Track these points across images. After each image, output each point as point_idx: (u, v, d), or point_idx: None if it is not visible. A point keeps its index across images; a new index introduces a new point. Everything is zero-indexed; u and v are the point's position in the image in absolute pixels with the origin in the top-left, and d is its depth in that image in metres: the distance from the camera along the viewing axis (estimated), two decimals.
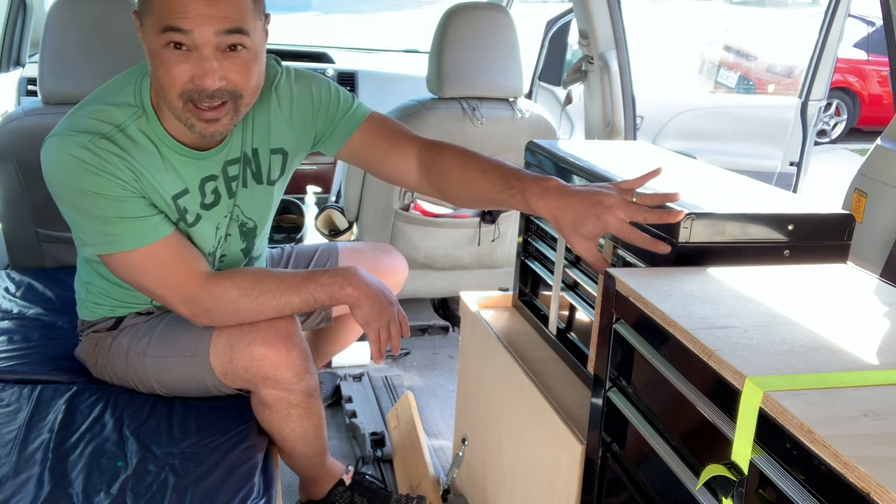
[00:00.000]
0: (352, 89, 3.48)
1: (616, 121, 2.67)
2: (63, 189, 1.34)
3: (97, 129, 1.35)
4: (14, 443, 1.41)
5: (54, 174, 1.34)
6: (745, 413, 0.78)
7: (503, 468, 1.57)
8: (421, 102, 2.37)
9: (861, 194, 1.88)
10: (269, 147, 1.55)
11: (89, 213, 1.34)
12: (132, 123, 1.38)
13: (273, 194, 1.62)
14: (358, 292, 1.45)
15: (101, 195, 1.33)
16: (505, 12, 2.38)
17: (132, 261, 1.37)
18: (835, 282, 1.09)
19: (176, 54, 1.27)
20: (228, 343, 1.43)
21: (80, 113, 1.39)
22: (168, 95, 1.31)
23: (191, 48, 1.27)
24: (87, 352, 1.63)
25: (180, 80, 1.29)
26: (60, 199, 1.36)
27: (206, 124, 1.34)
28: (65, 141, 1.33)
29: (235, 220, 1.57)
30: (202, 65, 1.27)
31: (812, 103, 3.49)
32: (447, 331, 2.97)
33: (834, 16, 3.29)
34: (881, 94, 8.08)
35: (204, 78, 1.28)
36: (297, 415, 1.50)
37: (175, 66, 1.28)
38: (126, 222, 1.35)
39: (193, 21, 1.25)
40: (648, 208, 1.14)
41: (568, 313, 1.50)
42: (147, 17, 1.29)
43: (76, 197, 1.34)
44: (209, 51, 1.28)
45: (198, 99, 1.30)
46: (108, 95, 1.41)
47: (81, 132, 1.34)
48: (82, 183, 1.32)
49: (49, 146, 1.35)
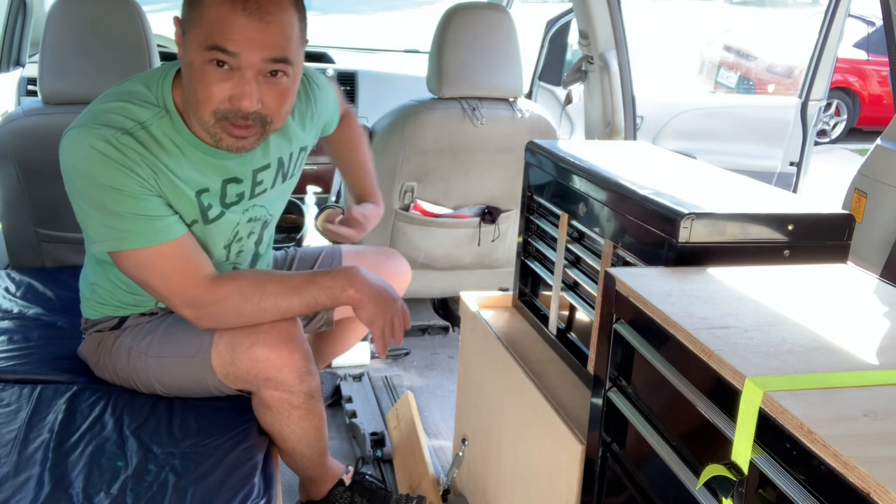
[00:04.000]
0: (352, 89, 3.49)
1: (616, 121, 2.67)
2: (81, 180, 1.34)
3: (120, 124, 1.35)
4: (14, 443, 1.41)
5: (74, 165, 1.34)
6: (745, 413, 0.78)
7: (503, 468, 1.57)
8: (421, 102, 2.37)
9: (861, 194, 1.88)
10: (299, 146, 1.62)
11: (104, 207, 1.34)
12: (155, 123, 1.39)
13: (290, 187, 1.68)
14: (360, 294, 1.45)
15: (118, 190, 1.33)
16: (505, 12, 2.38)
17: (139, 259, 1.38)
18: (835, 282, 1.09)
19: (218, 72, 1.29)
20: (230, 344, 1.43)
21: (101, 108, 1.39)
22: (201, 109, 1.33)
23: (233, 68, 1.29)
24: (90, 350, 1.63)
25: (217, 98, 1.31)
26: (76, 191, 1.36)
27: (234, 140, 1.36)
28: (88, 133, 1.34)
29: (259, 219, 1.60)
30: (242, 87, 1.29)
31: (812, 103, 3.49)
32: (447, 331, 2.97)
33: (834, 16, 3.29)
34: (881, 94, 8.08)
35: (242, 99, 1.30)
36: (299, 416, 1.50)
37: (215, 84, 1.29)
38: (139, 220, 1.35)
39: (241, 44, 1.26)
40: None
41: (568, 313, 1.50)
42: (192, 28, 1.29)
43: (93, 189, 1.34)
44: (251, 74, 1.29)
45: (232, 118, 1.32)
46: (130, 94, 1.41)
47: (105, 126, 1.34)
48: (101, 176, 1.32)
49: (71, 137, 1.35)
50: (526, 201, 1.67)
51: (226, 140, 1.36)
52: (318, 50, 3.87)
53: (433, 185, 2.48)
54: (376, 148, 2.41)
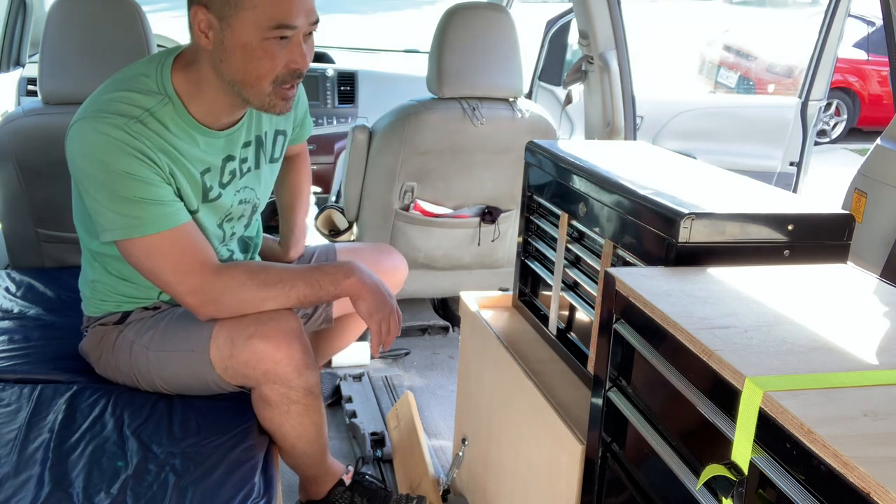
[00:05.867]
0: (352, 89, 3.49)
1: (616, 121, 2.67)
2: (94, 169, 1.37)
3: (129, 112, 1.39)
4: (14, 442, 1.41)
5: (88, 154, 1.37)
6: (745, 413, 0.78)
7: (503, 468, 1.57)
8: (421, 102, 2.37)
9: (861, 194, 1.88)
10: (275, 128, 1.67)
11: (117, 194, 1.37)
12: (159, 109, 1.43)
13: (274, 172, 1.72)
14: (361, 283, 1.49)
15: (132, 175, 1.37)
16: (505, 12, 2.38)
17: (149, 245, 1.40)
18: (835, 282, 1.09)
19: (280, 44, 1.39)
20: (229, 337, 1.44)
21: (104, 98, 1.42)
22: (261, 83, 1.41)
23: (288, 38, 1.39)
24: (93, 345, 1.63)
25: (279, 67, 1.40)
26: (90, 180, 1.39)
27: (285, 103, 1.46)
28: (99, 122, 1.37)
29: (247, 201, 1.64)
30: (297, 50, 1.40)
31: (812, 103, 3.49)
32: (447, 331, 2.97)
33: (834, 16, 3.29)
34: (881, 94, 8.08)
35: (300, 61, 1.41)
36: (298, 412, 1.51)
37: (277, 55, 1.39)
38: (151, 206, 1.39)
39: (300, 17, 1.39)
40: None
41: (568, 313, 1.50)
42: (239, 11, 1.35)
43: (107, 177, 1.37)
44: (301, 37, 1.41)
45: (287, 81, 1.42)
46: (130, 84, 1.45)
47: (115, 114, 1.38)
48: (117, 163, 1.36)
49: (80, 128, 1.38)
50: (526, 201, 1.67)
51: (278, 105, 1.45)
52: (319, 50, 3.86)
53: (433, 185, 2.48)
54: (376, 148, 2.41)
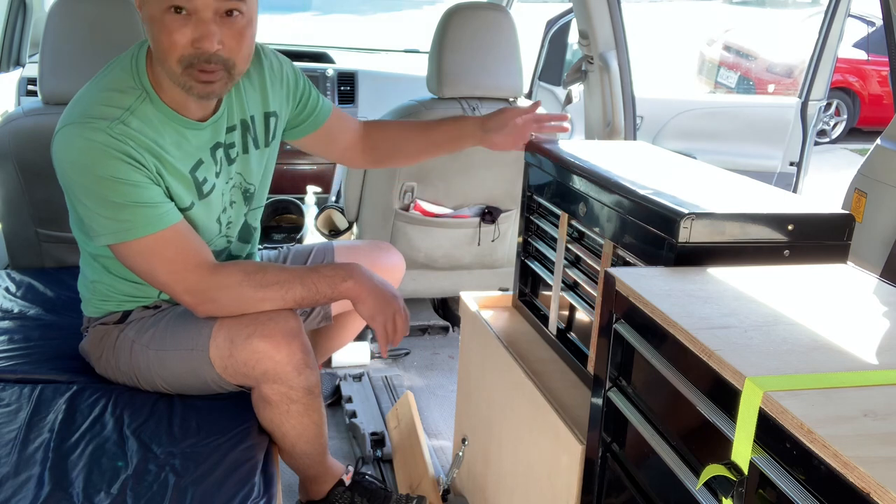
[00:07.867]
0: (352, 89, 3.48)
1: (616, 121, 2.67)
2: (82, 175, 1.36)
3: (111, 115, 1.38)
4: (14, 442, 1.41)
5: (75, 160, 1.36)
6: (745, 413, 0.78)
7: (503, 468, 1.57)
8: (421, 102, 2.37)
9: (861, 194, 1.88)
10: (264, 111, 1.63)
11: (106, 200, 1.36)
12: (139, 105, 1.41)
13: (268, 157, 1.68)
14: (360, 286, 1.47)
15: (120, 180, 1.35)
16: (505, 12, 2.38)
17: (142, 248, 1.39)
18: (835, 282, 1.09)
19: (177, 18, 1.32)
20: (228, 336, 1.44)
21: (84, 102, 1.41)
22: (168, 60, 1.36)
23: (191, 13, 1.33)
24: (93, 344, 1.63)
25: (181, 44, 1.34)
26: (78, 187, 1.38)
27: (202, 86, 1.38)
28: (83, 128, 1.36)
29: (238, 186, 1.62)
30: (201, 28, 1.33)
31: (812, 103, 3.49)
32: (447, 331, 2.97)
33: (834, 16, 3.29)
34: (881, 94, 8.07)
35: (203, 41, 1.33)
36: (297, 411, 1.50)
37: (176, 31, 1.33)
38: (141, 209, 1.37)
39: None
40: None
41: (568, 313, 1.50)
42: None
43: (95, 183, 1.35)
44: (208, 14, 1.33)
45: (197, 63, 1.35)
46: (108, 82, 1.43)
47: (98, 118, 1.37)
48: (104, 168, 1.35)
49: (65, 134, 1.37)
50: (526, 201, 1.67)
51: (196, 87, 1.38)
52: (318, 50, 3.87)
53: (433, 185, 2.48)
54: None
